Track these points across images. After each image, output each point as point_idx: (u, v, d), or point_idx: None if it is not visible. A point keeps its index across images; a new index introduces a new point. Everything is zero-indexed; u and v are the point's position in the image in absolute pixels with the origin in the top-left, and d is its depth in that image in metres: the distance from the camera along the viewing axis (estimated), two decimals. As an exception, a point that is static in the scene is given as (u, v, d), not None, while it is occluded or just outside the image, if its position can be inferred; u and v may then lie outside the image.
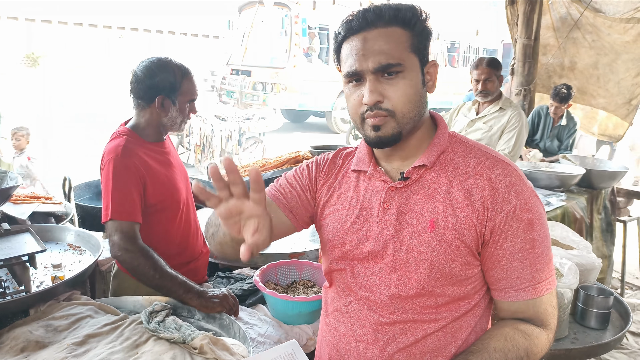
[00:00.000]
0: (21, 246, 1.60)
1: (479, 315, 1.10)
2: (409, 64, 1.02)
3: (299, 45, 11.73)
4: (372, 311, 1.09)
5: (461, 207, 1.02)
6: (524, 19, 4.79)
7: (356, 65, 1.02)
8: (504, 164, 1.04)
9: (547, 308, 1.05)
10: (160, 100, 1.78)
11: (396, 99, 1.01)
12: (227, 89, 12.38)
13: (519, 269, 1.02)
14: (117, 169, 1.69)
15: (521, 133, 3.34)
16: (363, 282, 1.10)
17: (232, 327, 1.48)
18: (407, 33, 1.02)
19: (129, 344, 1.33)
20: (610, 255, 3.94)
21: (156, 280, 1.60)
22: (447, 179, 1.05)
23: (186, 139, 7.61)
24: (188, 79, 1.83)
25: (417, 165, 1.06)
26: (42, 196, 2.47)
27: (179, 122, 1.87)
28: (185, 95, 1.83)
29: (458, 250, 1.02)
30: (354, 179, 1.16)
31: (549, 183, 3.45)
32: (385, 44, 1.00)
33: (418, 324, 1.07)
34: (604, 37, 4.82)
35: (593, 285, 1.95)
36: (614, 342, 1.79)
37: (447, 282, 1.04)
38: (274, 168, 3.23)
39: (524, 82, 5.00)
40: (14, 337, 1.33)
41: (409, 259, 1.04)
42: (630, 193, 4.33)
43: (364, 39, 1.01)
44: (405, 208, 1.06)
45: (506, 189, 1.01)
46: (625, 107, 5.02)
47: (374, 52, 1.00)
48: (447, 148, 1.09)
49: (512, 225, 1.00)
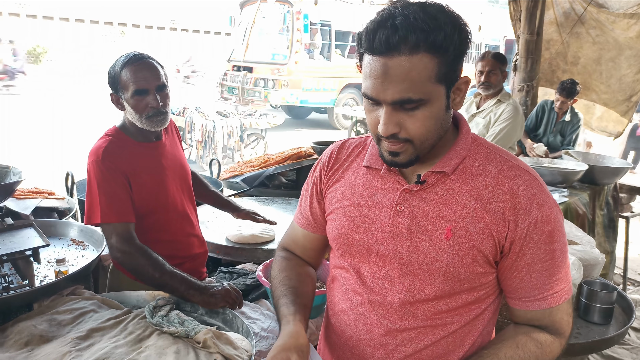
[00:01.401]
0: (25, 241, 1.60)
1: (488, 319, 1.09)
2: (433, 96, 0.92)
3: (300, 42, 11.70)
4: (380, 316, 1.06)
5: (480, 217, 0.98)
6: (527, 15, 4.77)
7: (373, 93, 0.92)
8: (526, 174, 1.00)
9: (563, 317, 1.03)
10: (113, 98, 1.73)
11: (414, 130, 0.94)
12: (228, 85, 12.38)
13: (537, 280, 1.00)
14: (99, 172, 1.66)
15: (511, 126, 3.31)
16: (371, 285, 1.07)
17: (235, 322, 1.49)
18: (435, 60, 0.88)
19: (132, 338, 1.34)
20: (613, 251, 3.94)
21: (157, 280, 1.58)
22: (466, 186, 1.00)
23: (188, 135, 7.61)
24: (128, 68, 1.65)
25: (436, 170, 1.01)
26: (45, 191, 2.47)
27: (137, 118, 1.71)
28: (127, 87, 1.66)
29: (475, 260, 0.99)
30: (363, 174, 1.11)
31: (552, 179, 3.45)
32: (407, 76, 0.88)
33: (428, 330, 1.04)
34: (608, 32, 4.80)
35: (596, 280, 1.94)
36: (617, 337, 1.79)
37: (460, 289, 1.02)
38: (276, 164, 3.22)
39: (526, 78, 4.98)
40: (18, 331, 1.34)
41: (422, 266, 1.01)
42: (633, 189, 4.32)
43: (384, 66, 0.89)
44: (420, 212, 1.02)
45: (528, 200, 0.96)
46: (625, 103, 5.00)
47: (394, 84, 0.89)
48: (469, 154, 1.03)
49: (534, 237, 0.97)
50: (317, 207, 1.21)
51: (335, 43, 12.64)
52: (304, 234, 1.26)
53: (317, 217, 1.22)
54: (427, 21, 0.86)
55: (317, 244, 1.27)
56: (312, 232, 1.25)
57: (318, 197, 1.21)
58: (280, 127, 9.07)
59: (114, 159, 1.68)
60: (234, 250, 2.17)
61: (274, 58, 12.18)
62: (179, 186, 1.89)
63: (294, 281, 1.18)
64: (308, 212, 1.23)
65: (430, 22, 0.87)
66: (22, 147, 8.15)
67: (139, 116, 1.70)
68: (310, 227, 1.24)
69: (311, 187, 1.23)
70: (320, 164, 1.22)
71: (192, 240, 1.95)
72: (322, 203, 1.20)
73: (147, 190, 1.76)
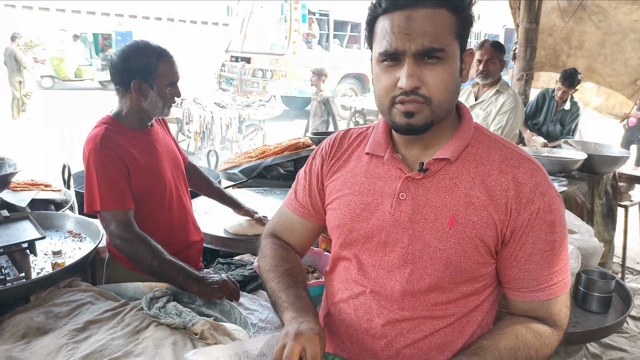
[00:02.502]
0: (21, 233, 1.60)
1: (487, 310, 1.08)
2: (451, 51, 0.95)
3: (298, 32, 11.64)
4: (381, 306, 1.06)
5: (483, 205, 0.97)
6: (527, 3, 4.73)
7: (397, 44, 0.93)
8: (530, 163, 1.00)
9: (561, 309, 1.03)
10: (136, 85, 1.73)
11: (434, 86, 0.95)
12: (226, 76, 12.32)
13: (537, 270, 0.99)
14: (98, 159, 1.66)
15: (514, 117, 3.32)
16: (372, 275, 1.07)
17: (233, 313, 1.48)
18: (454, 17, 0.95)
19: (129, 329, 1.33)
20: (612, 240, 3.94)
21: (155, 268, 1.59)
22: (469, 174, 1.00)
23: (186, 127, 7.59)
24: (165, 61, 1.75)
25: (439, 157, 1.01)
26: (41, 183, 2.46)
27: (161, 107, 1.79)
28: (164, 78, 1.76)
29: (477, 249, 0.99)
30: (365, 162, 1.10)
31: (551, 168, 3.44)
32: (431, 26, 0.92)
33: (427, 320, 1.04)
34: (611, 17, 4.75)
35: (595, 269, 1.94)
36: (615, 325, 1.79)
37: (461, 280, 1.02)
38: (274, 155, 3.21)
39: (525, 67, 4.95)
40: (14, 323, 1.33)
41: (423, 255, 1.01)
42: (631, 178, 4.31)
43: (409, 17, 0.92)
44: (422, 201, 1.01)
45: (531, 189, 0.96)
46: (631, 86, 4.97)
47: (419, 33, 0.92)
48: (471, 142, 1.03)
49: (535, 227, 0.97)
50: (317, 196, 1.20)
51: (333, 33, 12.58)
52: (301, 222, 1.25)
53: (316, 207, 1.21)
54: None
55: (313, 233, 1.27)
56: (310, 221, 1.23)
57: (319, 187, 1.19)
58: (278, 118, 9.05)
59: (111, 145, 1.69)
60: (232, 242, 2.16)
61: (272, 48, 12.13)
62: (174, 171, 1.92)
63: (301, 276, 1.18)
64: (307, 201, 1.22)
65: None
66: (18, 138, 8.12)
67: (163, 105, 1.79)
68: (308, 216, 1.23)
69: (310, 176, 1.21)
70: (322, 152, 1.20)
71: (188, 227, 1.96)
72: (322, 193, 1.19)
73: (145, 175, 1.77)
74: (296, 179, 1.27)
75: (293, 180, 1.30)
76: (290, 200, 1.26)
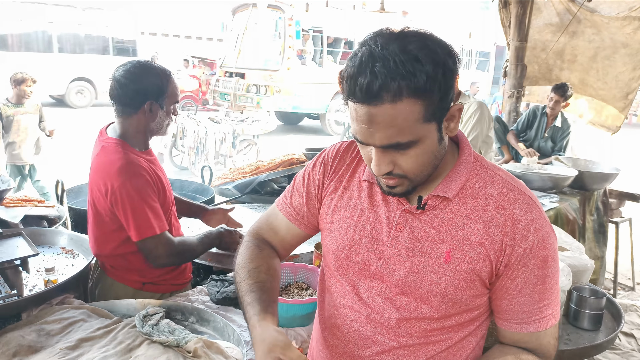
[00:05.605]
0: (13, 250, 1.59)
1: (481, 335, 1.10)
2: (423, 135, 0.89)
3: (292, 48, 11.74)
4: (376, 333, 1.06)
5: (480, 241, 0.98)
6: (516, 22, 4.83)
7: (362, 137, 0.90)
8: (526, 198, 0.99)
9: (550, 340, 1.04)
10: (149, 106, 1.74)
11: (408, 167, 0.93)
12: (220, 91, 12.37)
13: (527, 303, 1.00)
14: (136, 188, 1.68)
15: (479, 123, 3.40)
16: (368, 301, 1.07)
17: (226, 330, 1.48)
18: (420, 103, 0.85)
19: (122, 347, 1.33)
20: (603, 257, 3.97)
21: (197, 255, 1.92)
22: (466, 209, 0.99)
23: (180, 142, 7.58)
24: (172, 81, 1.81)
25: (438, 194, 1.00)
26: (34, 199, 2.45)
27: (165, 126, 1.85)
28: (171, 98, 1.81)
29: (472, 283, 0.99)
30: (366, 188, 1.10)
31: (542, 185, 3.47)
32: (393, 122, 0.85)
33: (423, 346, 1.05)
34: (603, 31, 4.81)
35: (586, 287, 1.95)
36: (607, 342, 1.80)
37: (457, 311, 1.03)
38: (267, 171, 3.23)
39: (516, 84, 5.03)
40: (5, 342, 1.32)
41: (419, 287, 1.01)
42: (622, 194, 4.36)
43: (368, 113, 0.86)
44: (420, 234, 1.01)
45: (526, 225, 0.96)
46: (623, 100, 5.02)
47: (382, 129, 0.87)
48: (470, 176, 1.02)
49: (528, 262, 0.97)
50: (315, 207, 1.18)
51: (327, 49, 12.70)
52: (288, 226, 1.23)
53: (310, 217, 1.19)
54: (407, 65, 0.82)
55: (299, 239, 1.25)
56: (298, 227, 1.22)
57: (318, 197, 1.17)
58: (272, 133, 9.07)
59: (138, 169, 1.71)
60: (225, 258, 2.16)
61: (266, 64, 12.20)
62: (168, 188, 1.94)
63: (263, 274, 1.15)
64: (302, 208, 1.20)
65: (411, 65, 0.82)
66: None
67: (167, 124, 1.85)
68: (298, 222, 1.21)
69: (309, 184, 1.18)
70: (323, 161, 1.18)
71: None
72: (320, 204, 1.17)
73: (161, 195, 1.81)
74: (292, 181, 1.24)
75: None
76: (284, 204, 1.24)
